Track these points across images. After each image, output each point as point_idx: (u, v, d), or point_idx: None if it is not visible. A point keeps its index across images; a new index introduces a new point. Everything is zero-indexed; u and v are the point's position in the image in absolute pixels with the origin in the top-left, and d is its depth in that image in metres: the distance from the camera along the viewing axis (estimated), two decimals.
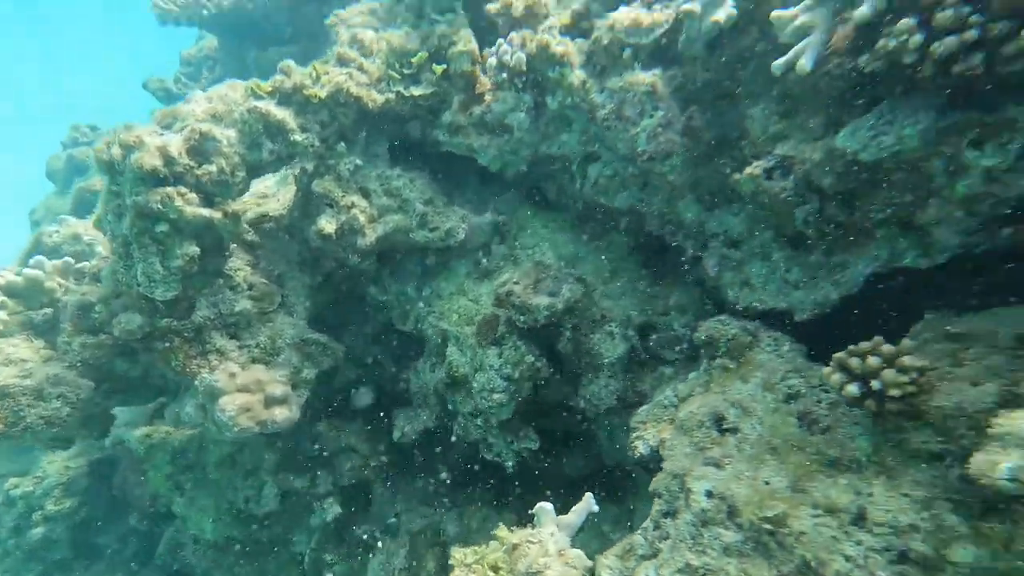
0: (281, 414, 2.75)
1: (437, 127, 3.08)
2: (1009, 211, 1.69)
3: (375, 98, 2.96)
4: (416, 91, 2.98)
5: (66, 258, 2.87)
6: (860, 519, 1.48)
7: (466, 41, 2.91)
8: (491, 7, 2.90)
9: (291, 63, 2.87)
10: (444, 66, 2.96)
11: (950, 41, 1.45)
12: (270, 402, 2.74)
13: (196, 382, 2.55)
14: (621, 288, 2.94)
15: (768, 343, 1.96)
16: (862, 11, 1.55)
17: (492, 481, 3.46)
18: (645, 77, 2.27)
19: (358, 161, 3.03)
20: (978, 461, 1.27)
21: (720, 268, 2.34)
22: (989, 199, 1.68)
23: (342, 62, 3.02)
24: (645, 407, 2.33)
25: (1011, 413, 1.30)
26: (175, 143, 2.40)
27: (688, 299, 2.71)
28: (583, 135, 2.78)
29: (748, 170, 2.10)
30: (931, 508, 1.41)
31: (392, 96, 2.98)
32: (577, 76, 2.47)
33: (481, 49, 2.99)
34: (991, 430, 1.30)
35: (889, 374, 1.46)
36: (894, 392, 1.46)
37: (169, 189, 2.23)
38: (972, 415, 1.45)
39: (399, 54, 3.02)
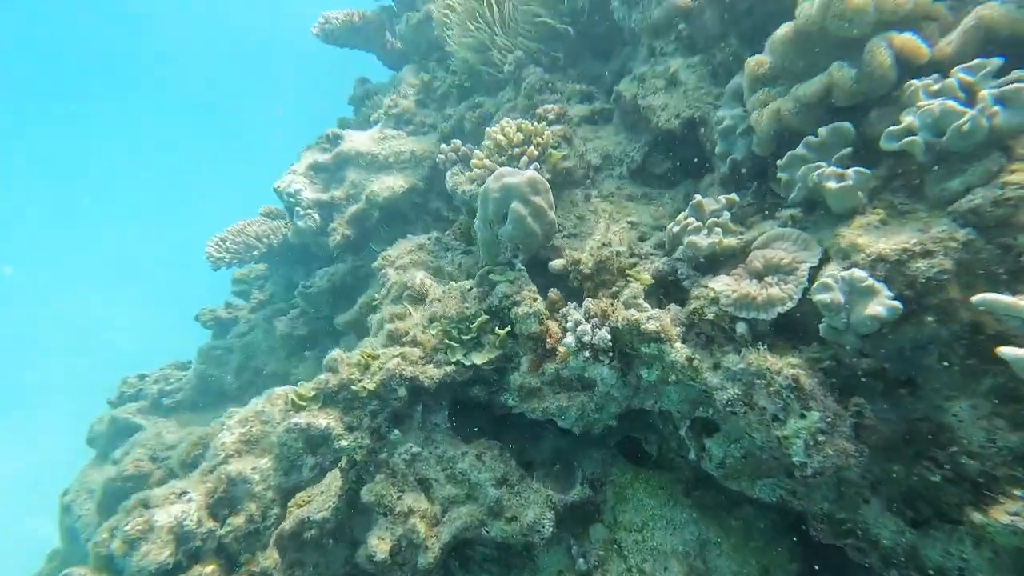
0: None
1: (505, 391, 2.62)
2: None
3: (431, 374, 2.56)
4: (478, 359, 2.57)
5: None
6: None
7: (530, 300, 2.56)
8: (556, 263, 2.61)
9: (339, 355, 2.56)
10: (508, 328, 2.59)
11: None
12: None
13: None
14: None
15: None
16: None
17: None
18: (779, 364, 1.75)
19: (415, 448, 2.53)
20: None
21: None
22: None
23: (392, 338, 2.70)
24: None
25: None
26: (196, 505, 1.96)
27: None
28: (690, 392, 2.23)
29: (996, 513, 1.42)
30: None
31: (451, 368, 2.58)
32: (680, 353, 1.99)
33: (544, 292, 2.64)
34: None
35: None
36: None
37: None
38: None
39: (456, 320, 2.69)
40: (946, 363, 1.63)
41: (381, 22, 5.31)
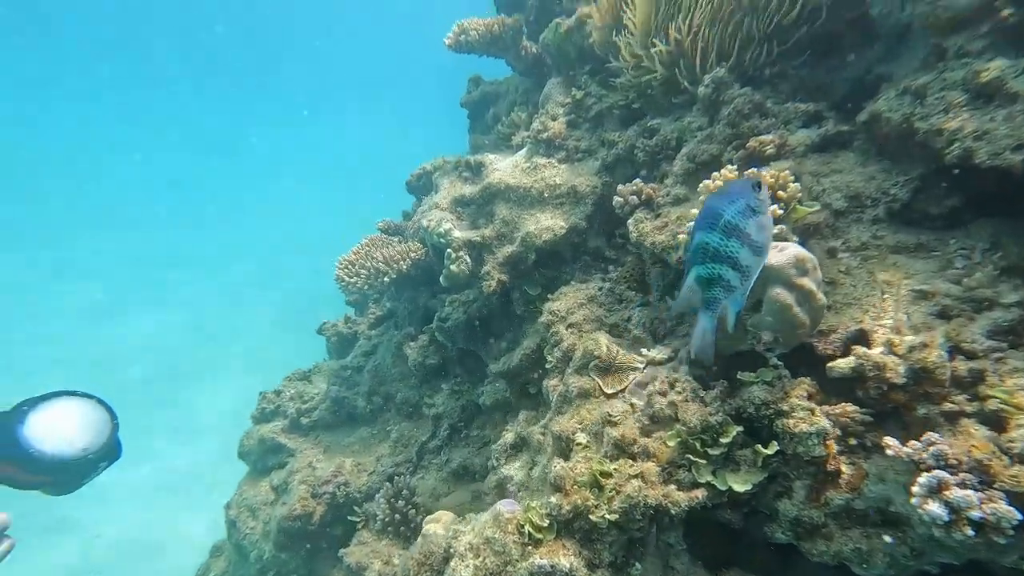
0: None
1: (773, 520, 2.12)
2: None
3: (677, 499, 2.11)
4: (736, 484, 2.08)
5: None
6: None
7: (806, 414, 2.02)
8: (841, 365, 2.02)
9: (564, 470, 2.18)
10: (773, 446, 2.07)
11: None
12: None
13: None
14: None
15: None
16: None
17: None
18: None
19: None
20: None
21: None
22: None
23: (620, 448, 2.28)
24: None
25: None
26: None
27: None
28: None
29: None
30: None
31: (701, 493, 2.12)
32: None
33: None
34: None
35: None
36: None
37: None
38: None
39: (699, 430, 2.21)
40: None
41: (519, 27, 4.82)
